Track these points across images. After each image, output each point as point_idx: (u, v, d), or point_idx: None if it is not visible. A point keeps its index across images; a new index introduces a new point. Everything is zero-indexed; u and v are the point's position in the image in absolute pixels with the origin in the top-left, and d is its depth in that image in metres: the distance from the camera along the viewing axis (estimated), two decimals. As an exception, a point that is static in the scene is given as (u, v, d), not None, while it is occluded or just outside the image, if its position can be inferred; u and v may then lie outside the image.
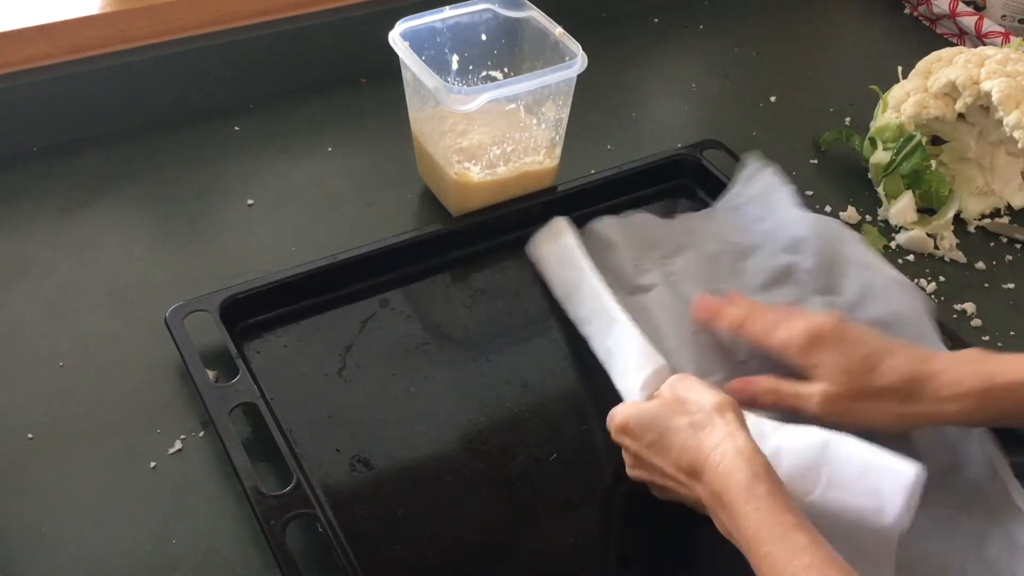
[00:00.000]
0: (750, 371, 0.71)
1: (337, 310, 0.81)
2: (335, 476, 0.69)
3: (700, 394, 0.62)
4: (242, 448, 0.67)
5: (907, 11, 1.26)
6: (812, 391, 0.64)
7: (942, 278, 0.88)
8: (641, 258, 0.83)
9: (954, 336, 0.77)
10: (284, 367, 0.76)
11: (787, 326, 0.67)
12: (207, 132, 0.99)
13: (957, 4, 1.18)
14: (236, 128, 1.00)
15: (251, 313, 0.79)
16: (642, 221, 0.87)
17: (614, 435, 0.65)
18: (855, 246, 0.81)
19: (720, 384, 0.68)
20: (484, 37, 0.90)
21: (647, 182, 0.92)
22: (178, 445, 0.71)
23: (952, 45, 1.14)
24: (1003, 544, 0.65)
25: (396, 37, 0.84)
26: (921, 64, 0.98)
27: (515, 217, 0.88)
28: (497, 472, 0.71)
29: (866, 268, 0.79)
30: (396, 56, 0.84)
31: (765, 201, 0.86)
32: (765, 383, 0.67)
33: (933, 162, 0.92)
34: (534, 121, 0.89)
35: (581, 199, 0.90)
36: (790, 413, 0.66)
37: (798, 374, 0.67)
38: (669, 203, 0.93)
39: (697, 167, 0.93)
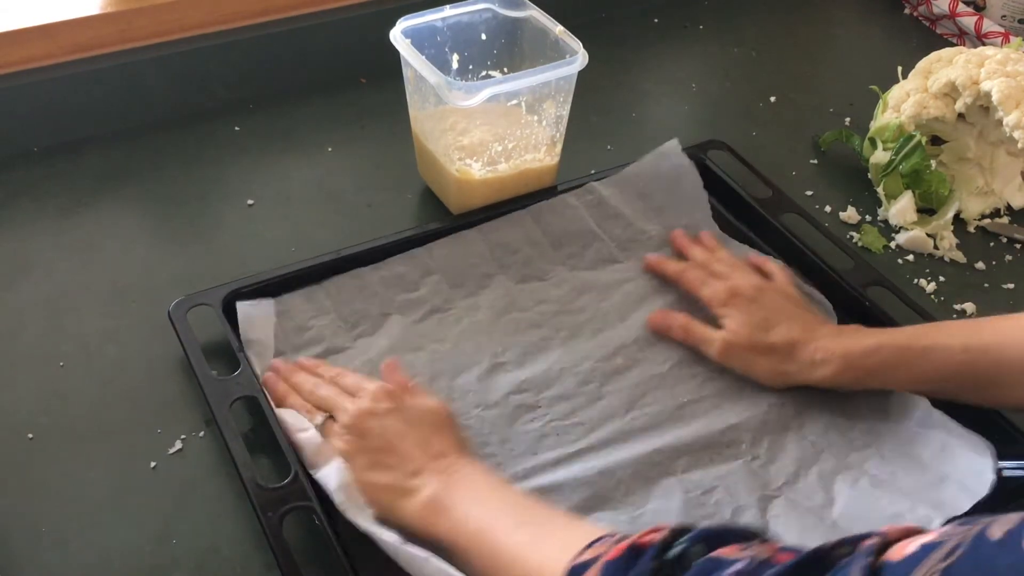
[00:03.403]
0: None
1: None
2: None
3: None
4: (242, 441, 0.67)
5: (907, 11, 1.26)
6: (715, 336, 0.76)
7: (942, 278, 0.88)
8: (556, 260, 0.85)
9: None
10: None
11: (713, 284, 0.79)
12: (207, 132, 0.99)
13: (957, 4, 1.18)
14: (236, 128, 1.00)
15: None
16: (554, 213, 0.87)
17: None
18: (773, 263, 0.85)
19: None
20: (484, 36, 0.90)
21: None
22: (178, 445, 0.71)
23: (952, 45, 1.14)
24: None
25: (397, 35, 0.84)
26: (921, 64, 0.98)
27: (515, 217, 0.88)
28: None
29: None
30: (396, 56, 0.84)
31: (677, 194, 0.90)
32: (680, 319, 0.78)
33: (933, 162, 0.92)
34: (535, 119, 0.89)
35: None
36: (695, 348, 0.77)
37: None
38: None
39: (701, 168, 0.93)
